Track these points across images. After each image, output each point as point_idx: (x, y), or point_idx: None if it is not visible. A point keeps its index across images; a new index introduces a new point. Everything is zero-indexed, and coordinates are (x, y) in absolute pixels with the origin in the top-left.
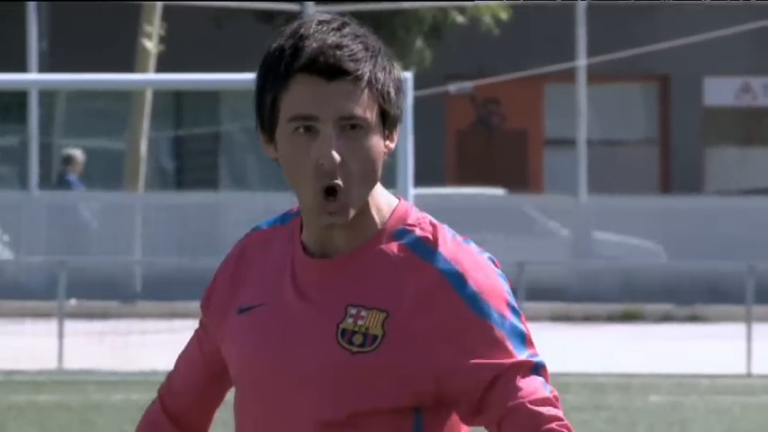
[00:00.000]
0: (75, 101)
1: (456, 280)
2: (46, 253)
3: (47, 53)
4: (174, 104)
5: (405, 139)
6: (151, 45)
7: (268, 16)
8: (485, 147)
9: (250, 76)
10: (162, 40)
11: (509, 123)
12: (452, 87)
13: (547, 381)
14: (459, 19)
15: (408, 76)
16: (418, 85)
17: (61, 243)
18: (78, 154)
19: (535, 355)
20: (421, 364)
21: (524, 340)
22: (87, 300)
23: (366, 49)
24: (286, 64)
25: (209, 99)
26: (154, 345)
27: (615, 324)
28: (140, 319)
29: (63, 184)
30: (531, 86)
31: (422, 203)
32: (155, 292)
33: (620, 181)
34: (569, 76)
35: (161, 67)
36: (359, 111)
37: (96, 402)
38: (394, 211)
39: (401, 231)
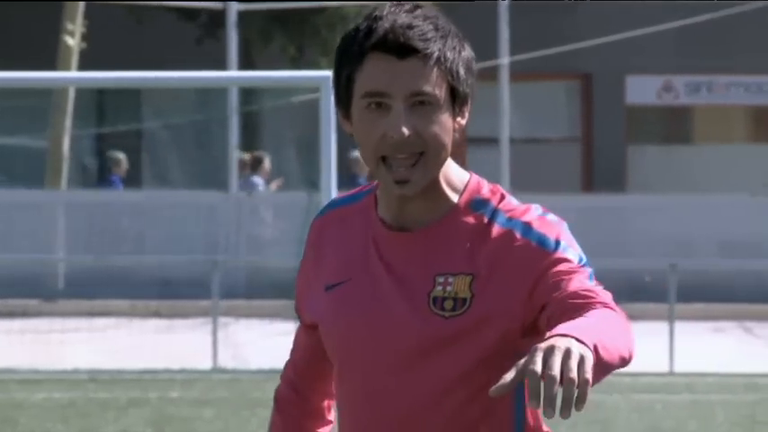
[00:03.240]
0: None
1: (521, 228)
2: None
3: None
4: (97, 102)
5: (328, 139)
6: (73, 42)
7: (190, 14)
8: None
9: (172, 73)
10: (84, 37)
11: None
12: None
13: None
14: None
15: (331, 74)
16: None
17: None
18: (356, 155)
19: (588, 268)
20: (508, 307)
21: (583, 259)
22: (8, 298)
23: (436, 29)
24: (360, 43)
25: (132, 97)
26: (76, 343)
27: None
28: (62, 317)
29: (353, 184)
30: None
31: None
32: (77, 291)
33: (543, 179)
34: (492, 74)
35: (83, 65)
36: (428, 87)
37: (18, 401)
38: (467, 184)
39: (477, 202)
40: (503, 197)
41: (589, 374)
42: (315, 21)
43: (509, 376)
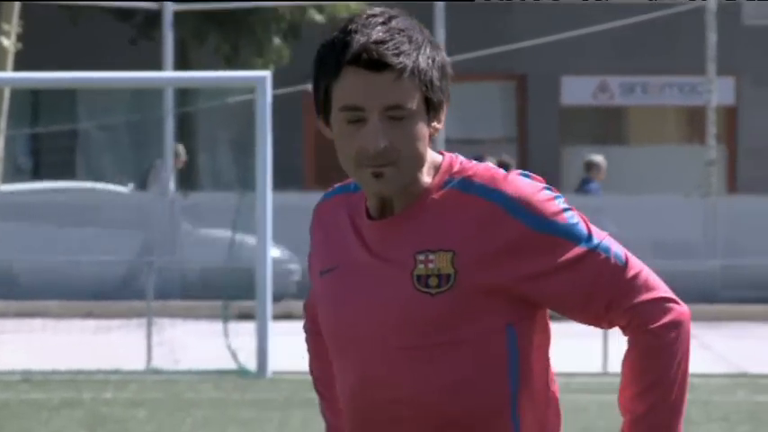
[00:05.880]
0: None
1: (508, 205)
2: None
3: None
4: (32, 102)
5: (263, 140)
6: (8, 43)
7: (125, 14)
8: None
9: (107, 74)
10: (19, 38)
11: None
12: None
13: (613, 247)
14: (318, 18)
15: (267, 75)
16: (276, 84)
17: None
18: (600, 160)
19: (597, 237)
20: (500, 286)
21: (586, 231)
22: None
23: (410, 41)
24: (336, 57)
25: (67, 97)
26: (8, 344)
27: None
28: None
29: (584, 191)
30: None
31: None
32: (9, 292)
33: None
34: None
35: (18, 66)
36: (402, 100)
37: None
38: (440, 166)
39: (447, 180)
40: (474, 168)
41: None
42: (249, 20)
43: None
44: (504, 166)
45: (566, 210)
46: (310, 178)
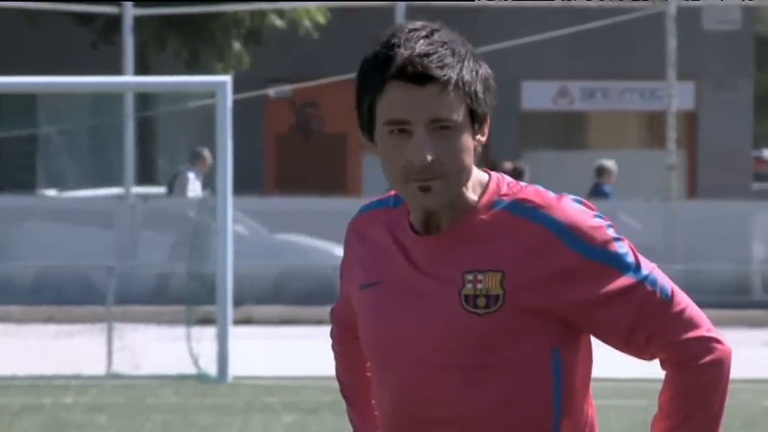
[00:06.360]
0: None
1: (559, 231)
2: None
3: None
4: None
5: (224, 145)
6: None
7: (86, 18)
8: (304, 151)
9: (67, 78)
10: None
11: (329, 127)
12: (272, 91)
13: (660, 280)
14: (278, 23)
15: (227, 79)
16: (237, 88)
17: None
18: (611, 164)
19: (646, 269)
20: (547, 309)
21: (634, 261)
22: None
23: (453, 54)
24: (380, 72)
25: (26, 101)
26: None
27: None
28: None
29: (598, 194)
30: (350, 90)
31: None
32: None
33: None
34: None
35: None
36: (447, 113)
37: None
38: (487, 185)
39: (496, 201)
40: (525, 191)
41: None
42: (210, 25)
43: None
44: (518, 171)
45: (616, 239)
46: (271, 183)
